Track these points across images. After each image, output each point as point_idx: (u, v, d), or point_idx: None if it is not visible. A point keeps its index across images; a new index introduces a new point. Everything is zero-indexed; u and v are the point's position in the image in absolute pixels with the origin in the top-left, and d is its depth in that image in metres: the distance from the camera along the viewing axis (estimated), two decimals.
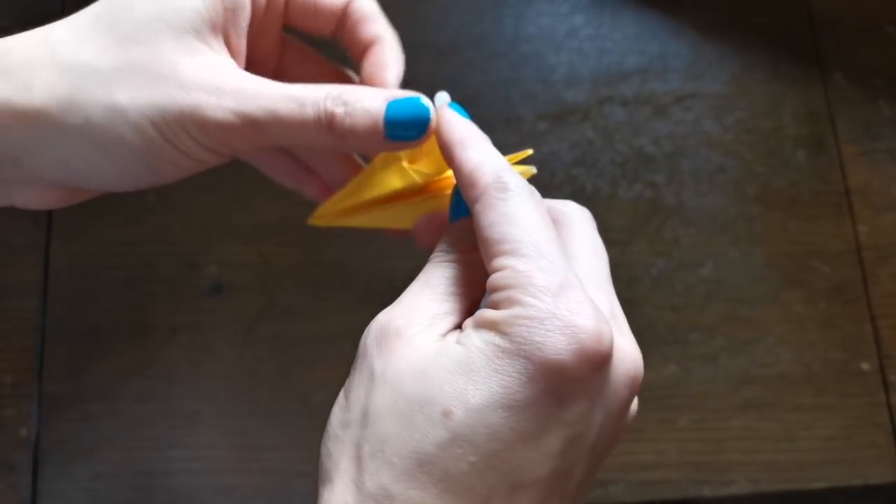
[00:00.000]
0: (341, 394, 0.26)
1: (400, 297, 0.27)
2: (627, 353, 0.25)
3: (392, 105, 0.26)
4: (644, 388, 0.26)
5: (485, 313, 0.24)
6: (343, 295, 0.50)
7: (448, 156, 0.27)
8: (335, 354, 0.49)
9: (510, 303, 0.24)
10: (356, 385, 0.25)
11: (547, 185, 0.52)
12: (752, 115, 0.54)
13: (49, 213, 0.51)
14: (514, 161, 0.29)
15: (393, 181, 0.29)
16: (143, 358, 0.49)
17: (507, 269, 0.24)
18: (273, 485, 0.47)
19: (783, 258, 0.52)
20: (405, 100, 0.27)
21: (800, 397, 0.49)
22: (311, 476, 0.49)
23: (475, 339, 0.24)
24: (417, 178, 0.28)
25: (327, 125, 0.26)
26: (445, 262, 0.27)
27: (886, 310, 0.51)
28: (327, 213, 0.31)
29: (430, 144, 0.27)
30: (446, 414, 0.23)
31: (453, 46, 0.55)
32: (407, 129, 0.27)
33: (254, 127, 0.26)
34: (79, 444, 0.48)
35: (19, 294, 0.50)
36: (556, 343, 0.23)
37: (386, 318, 0.26)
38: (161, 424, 0.48)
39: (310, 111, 0.26)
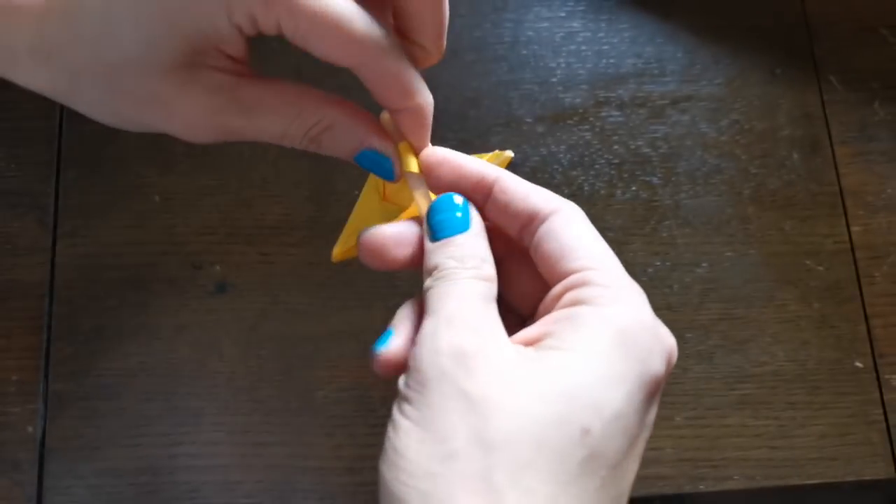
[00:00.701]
0: (407, 425, 0.23)
1: (442, 319, 0.24)
2: (673, 344, 0.26)
3: (362, 157, 0.28)
4: None
5: (587, 311, 0.23)
6: (346, 294, 0.51)
7: (488, 182, 0.28)
8: (338, 353, 0.50)
9: (617, 302, 0.24)
10: (446, 414, 0.22)
11: (545, 185, 0.52)
12: (747, 116, 0.55)
13: (55, 214, 0.52)
14: (493, 159, 0.30)
15: (374, 217, 0.31)
16: (147, 357, 0.49)
17: (603, 270, 0.24)
18: (276, 481, 0.47)
19: (778, 258, 0.52)
20: (373, 158, 0.28)
21: (794, 395, 0.50)
22: (314, 472, 0.50)
23: (588, 342, 0.23)
24: (395, 212, 0.30)
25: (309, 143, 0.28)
26: (466, 278, 0.26)
27: (880, 309, 0.51)
28: (342, 249, 0.32)
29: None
30: (585, 432, 0.22)
31: (454, 50, 0.55)
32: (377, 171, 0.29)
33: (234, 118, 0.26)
34: (84, 441, 0.48)
35: (25, 293, 0.50)
36: (661, 353, 0.24)
37: (451, 340, 0.24)
38: (165, 422, 0.48)
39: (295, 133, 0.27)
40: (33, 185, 0.52)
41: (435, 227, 0.27)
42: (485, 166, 0.28)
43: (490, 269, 0.26)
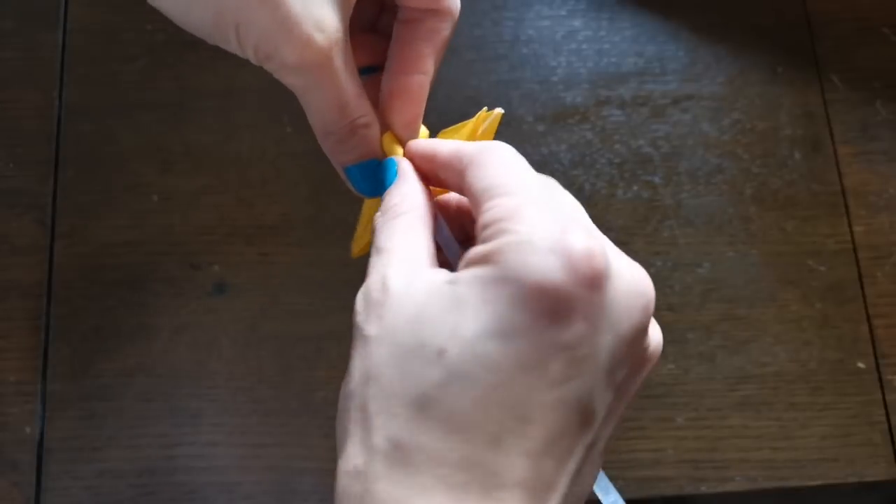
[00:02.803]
0: (347, 370, 0.25)
1: (368, 267, 0.27)
2: (631, 273, 0.24)
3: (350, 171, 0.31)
4: (642, 386, 0.25)
5: (474, 249, 0.24)
6: (345, 294, 0.50)
7: (430, 158, 0.28)
8: (337, 354, 0.49)
9: (500, 233, 0.23)
10: (354, 357, 0.24)
11: None
12: (749, 116, 0.55)
13: (53, 214, 0.52)
14: (482, 119, 0.31)
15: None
16: (146, 357, 0.49)
17: (497, 206, 0.24)
18: (275, 482, 0.47)
19: (780, 258, 0.52)
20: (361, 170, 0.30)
21: (796, 396, 0.50)
22: (313, 473, 0.50)
23: (465, 276, 0.23)
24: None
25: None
26: (385, 222, 0.27)
27: (882, 309, 0.51)
28: (361, 245, 0.32)
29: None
30: (440, 353, 0.22)
31: (454, 49, 0.55)
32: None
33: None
34: (83, 442, 0.48)
35: (23, 294, 0.50)
36: (546, 263, 0.22)
37: (364, 288, 0.26)
38: (164, 423, 0.48)
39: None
40: (31, 184, 0.52)
41: (360, 191, 0.30)
42: (424, 146, 0.29)
43: (410, 202, 0.27)
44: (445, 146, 0.28)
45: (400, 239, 0.26)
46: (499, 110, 0.31)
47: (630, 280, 0.24)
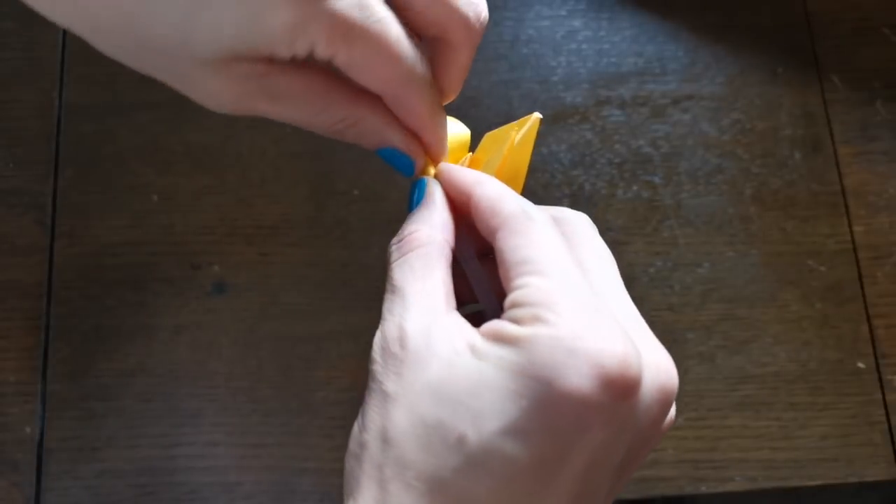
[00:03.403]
0: (359, 415, 0.25)
1: (383, 310, 0.26)
2: (658, 367, 0.23)
3: (381, 152, 0.29)
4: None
5: (505, 327, 0.23)
6: (345, 295, 0.51)
7: (465, 195, 0.27)
8: (336, 354, 0.49)
9: (534, 320, 0.22)
10: (370, 406, 0.25)
11: (546, 185, 0.53)
12: (748, 116, 0.55)
13: (53, 214, 0.52)
14: (520, 126, 0.30)
15: None
16: (146, 357, 0.49)
17: (532, 286, 0.23)
18: (275, 482, 0.47)
19: (780, 258, 0.52)
20: (392, 157, 0.29)
21: (796, 396, 0.50)
22: (313, 473, 0.50)
23: (492, 354, 0.23)
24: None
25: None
26: (400, 258, 0.26)
27: (882, 309, 0.51)
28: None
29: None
30: (460, 440, 0.22)
31: None
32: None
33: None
34: (82, 442, 0.48)
35: (23, 294, 0.50)
36: (578, 371, 0.21)
37: (381, 336, 0.25)
38: (164, 423, 0.48)
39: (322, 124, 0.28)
40: (31, 184, 0.52)
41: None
42: (462, 180, 0.28)
43: (426, 234, 0.26)
44: (485, 194, 0.27)
45: (416, 279, 0.25)
46: (537, 115, 0.30)
47: (656, 377, 0.23)
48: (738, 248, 0.52)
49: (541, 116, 0.30)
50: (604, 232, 0.27)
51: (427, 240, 0.26)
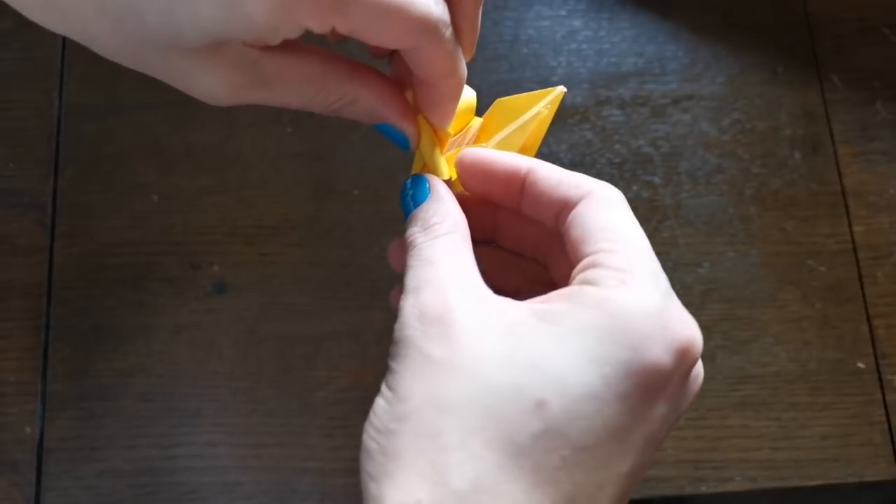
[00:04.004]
0: (384, 388, 0.23)
1: (411, 289, 0.24)
2: (699, 349, 0.24)
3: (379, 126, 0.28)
4: None
5: (586, 288, 0.23)
6: (345, 295, 0.51)
7: (521, 171, 0.27)
8: (337, 354, 0.49)
9: (620, 284, 0.22)
10: (406, 376, 0.22)
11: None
12: (749, 116, 0.55)
13: (53, 214, 0.52)
14: (540, 98, 0.29)
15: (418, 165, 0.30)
16: (146, 357, 0.49)
17: (618, 252, 0.23)
18: (275, 482, 0.47)
19: (780, 258, 0.52)
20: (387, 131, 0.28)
21: (796, 396, 0.50)
22: (313, 473, 0.50)
23: (570, 319, 0.22)
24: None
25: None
26: (431, 239, 0.26)
27: (882, 309, 0.51)
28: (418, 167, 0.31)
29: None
30: (541, 404, 0.21)
31: None
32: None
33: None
34: (82, 442, 0.48)
35: (23, 294, 0.50)
36: (665, 342, 0.22)
37: (415, 302, 0.24)
38: (164, 423, 0.48)
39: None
40: (31, 184, 0.52)
41: (405, 212, 0.27)
42: (515, 161, 0.28)
43: (452, 222, 0.26)
44: (551, 169, 0.27)
45: (451, 258, 0.25)
46: (561, 89, 0.29)
47: (698, 358, 0.24)
48: (738, 248, 0.52)
49: (565, 90, 0.29)
50: None
51: (452, 228, 0.26)
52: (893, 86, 0.55)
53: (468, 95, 0.30)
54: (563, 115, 0.54)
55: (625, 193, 0.28)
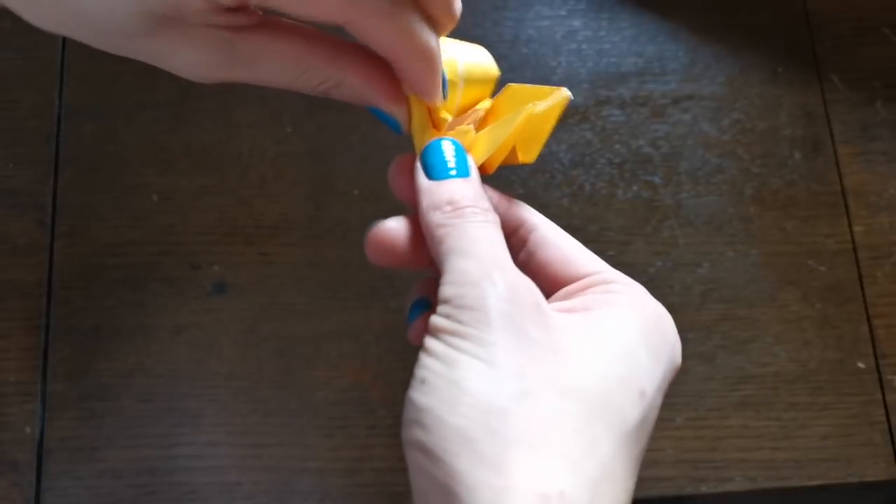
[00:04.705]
0: (475, 362, 0.21)
1: (487, 261, 0.23)
2: None
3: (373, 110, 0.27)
4: None
5: (623, 298, 0.24)
6: (345, 294, 0.51)
7: (527, 226, 0.28)
8: (337, 354, 0.49)
9: (646, 295, 0.25)
10: (517, 354, 0.21)
11: (546, 185, 0.53)
12: (749, 116, 0.55)
13: (53, 214, 0.52)
14: (546, 94, 0.29)
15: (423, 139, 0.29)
16: (146, 357, 0.49)
17: (611, 271, 0.25)
18: (275, 482, 0.47)
19: (780, 258, 0.52)
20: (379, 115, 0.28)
21: (796, 396, 0.50)
22: (313, 473, 0.50)
23: (625, 318, 0.24)
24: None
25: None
26: (488, 221, 0.25)
27: (883, 309, 0.51)
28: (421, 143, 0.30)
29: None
30: (642, 394, 0.22)
31: None
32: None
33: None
34: (82, 442, 0.48)
35: (23, 294, 0.50)
36: (679, 348, 0.25)
37: (507, 285, 0.22)
38: (164, 423, 0.48)
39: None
40: (31, 184, 0.52)
41: (438, 165, 0.26)
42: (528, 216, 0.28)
43: (486, 205, 0.26)
44: (558, 237, 0.27)
45: (498, 244, 0.24)
46: (566, 93, 0.28)
47: None
48: (738, 248, 0.52)
49: (570, 96, 0.29)
50: (603, 232, 0.28)
51: (492, 217, 0.25)
52: (893, 86, 0.55)
53: (489, 64, 0.29)
54: (563, 114, 0.54)
55: (625, 193, 0.28)
